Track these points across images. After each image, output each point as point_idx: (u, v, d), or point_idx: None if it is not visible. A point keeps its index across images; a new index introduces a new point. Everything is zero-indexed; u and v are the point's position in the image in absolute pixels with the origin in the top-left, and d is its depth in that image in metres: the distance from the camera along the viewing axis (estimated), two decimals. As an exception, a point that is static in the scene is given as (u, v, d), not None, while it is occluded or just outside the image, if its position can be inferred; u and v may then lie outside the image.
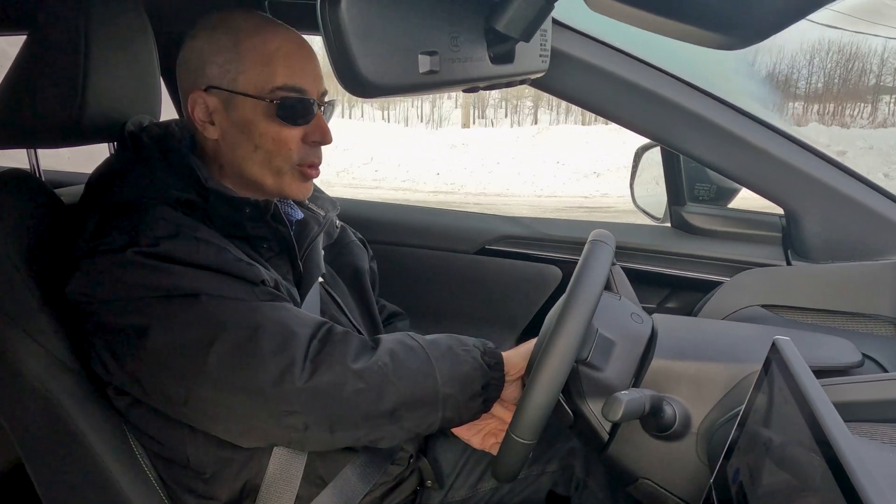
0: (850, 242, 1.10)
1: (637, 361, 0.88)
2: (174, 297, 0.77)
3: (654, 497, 0.89)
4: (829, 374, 0.79)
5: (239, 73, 0.86)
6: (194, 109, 0.88)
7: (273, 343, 0.78)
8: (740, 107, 1.12)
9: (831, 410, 0.50)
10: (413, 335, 0.90)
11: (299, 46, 0.89)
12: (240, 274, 0.81)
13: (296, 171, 0.91)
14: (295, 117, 0.87)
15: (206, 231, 0.83)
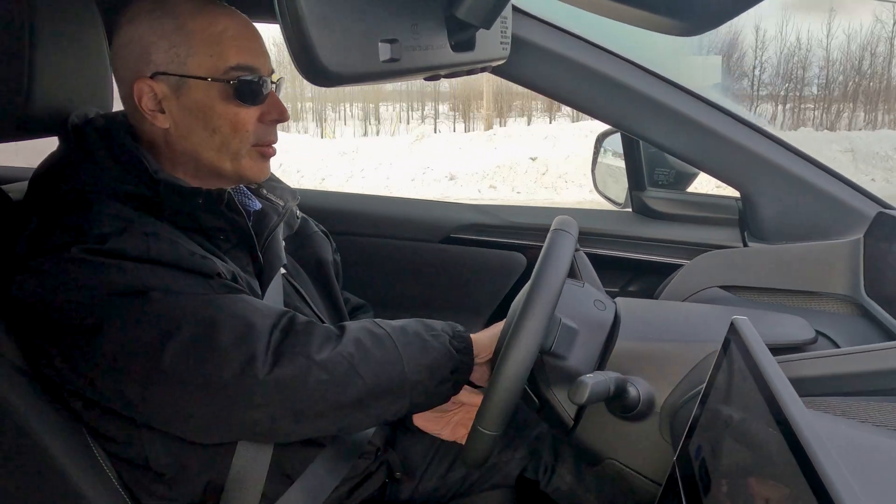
0: (804, 224, 1.13)
1: (601, 346, 0.90)
2: (124, 296, 0.75)
3: (620, 477, 0.91)
4: (784, 352, 0.81)
5: (188, 56, 0.83)
6: (141, 99, 0.84)
7: (231, 336, 0.76)
8: (698, 93, 1.14)
9: (787, 386, 0.51)
10: (380, 322, 0.89)
11: (245, 25, 0.87)
12: (193, 268, 0.79)
13: (253, 152, 0.89)
14: (252, 97, 0.85)
15: (157, 225, 0.80)
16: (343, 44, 0.64)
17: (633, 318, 0.93)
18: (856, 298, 1.02)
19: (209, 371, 0.75)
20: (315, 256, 1.13)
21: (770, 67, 16.18)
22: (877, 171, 9.88)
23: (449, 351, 0.89)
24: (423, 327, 0.90)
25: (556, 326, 0.87)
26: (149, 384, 0.75)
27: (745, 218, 1.24)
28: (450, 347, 0.89)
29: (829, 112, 15.58)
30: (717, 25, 0.67)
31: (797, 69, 15.72)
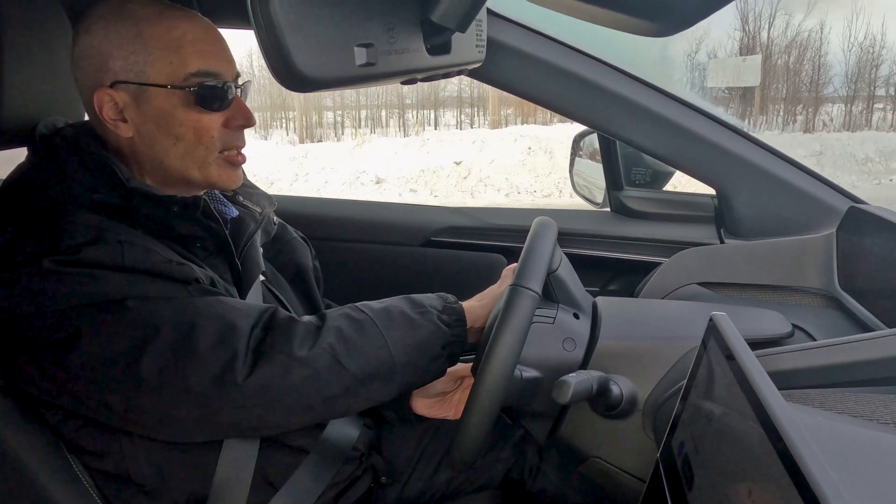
0: (778, 219, 1.15)
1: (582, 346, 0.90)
2: (99, 306, 0.73)
3: (605, 474, 0.91)
4: (762, 346, 0.82)
5: (147, 64, 0.81)
6: (102, 108, 0.83)
7: (211, 338, 0.75)
8: (672, 93, 1.16)
9: (766, 380, 0.52)
10: (362, 305, 0.88)
11: (206, 30, 0.85)
12: (170, 274, 0.78)
13: (221, 160, 0.87)
14: (214, 102, 0.84)
15: (131, 233, 0.79)
16: (318, 49, 0.64)
17: (614, 317, 0.94)
18: (830, 292, 1.03)
19: (189, 376, 0.74)
20: (294, 262, 1.11)
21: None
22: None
23: (438, 327, 0.87)
24: (409, 304, 0.89)
25: (517, 382, 0.85)
26: (131, 392, 0.74)
27: (720, 215, 1.25)
28: (438, 323, 0.88)
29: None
30: (689, 26, 0.68)
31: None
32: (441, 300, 0.92)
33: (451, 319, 0.89)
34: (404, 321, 0.86)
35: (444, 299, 0.92)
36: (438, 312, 0.89)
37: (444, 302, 0.91)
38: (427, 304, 0.89)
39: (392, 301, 0.90)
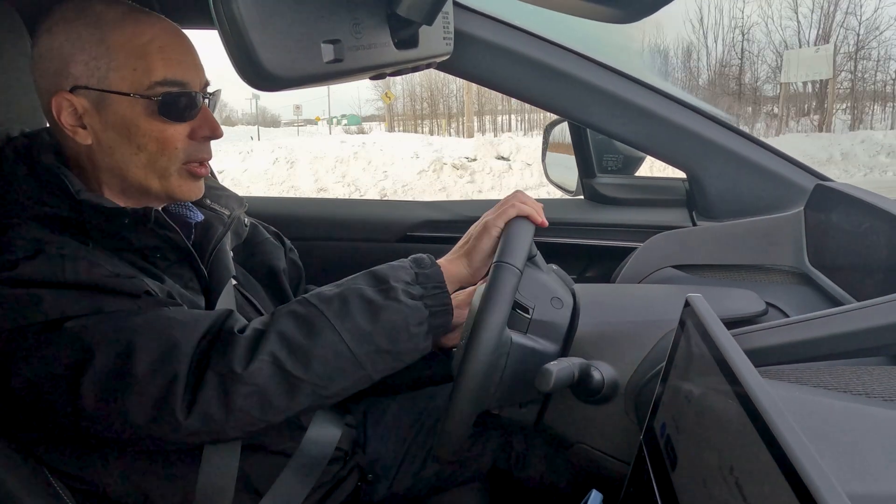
0: (748, 200, 1.17)
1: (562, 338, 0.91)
2: (35, 327, 0.70)
3: (590, 460, 0.92)
4: (738, 325, 0.83)
5: (109, 70, 0.78)
6: (60, 114, 0.79)
7: (150, 359, 0.71)
8: (640, 78, 1.17)
9: (743, 358, 0.53)
10: (312, 297, 0.80)
11: (175, 36, 0.81)
12: (115, 289, 0.74)
13: (183, 171, 0.84)
14: (180, 113, 0.80)
15: (75, 246, 0.75)
16: (285, 47, 0.63)
17: (592, 303, 0.94)
18: (801, 269, 1.05)
19: (128, 407, 0.70)
20: (266, 264, 1.09)
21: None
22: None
23: (406, 305, 0.80)
24: (371, 283, 0.81)
25: (507, 347, 0.84)
26: (76, 417, 0.71)
27: (692, 198, 1.27)
28: (406, 301, 0.80)
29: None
30: (652, 12, 0.69)
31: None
32: (413, 267, 0.84)
33: (426, 290, 0.82)
34: (362, 306, 0.79)
35: (418, 263, 0.84)
36: (406, 286, 0.81)
37: (415, 269, 0.84)
38: (392, 279, 0.81)
39: (350, 282, 0.82)
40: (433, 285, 0.83)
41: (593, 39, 1.19)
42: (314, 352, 0.76)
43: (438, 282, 0.84)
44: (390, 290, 0.80)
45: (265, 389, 0.74)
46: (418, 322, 0.81)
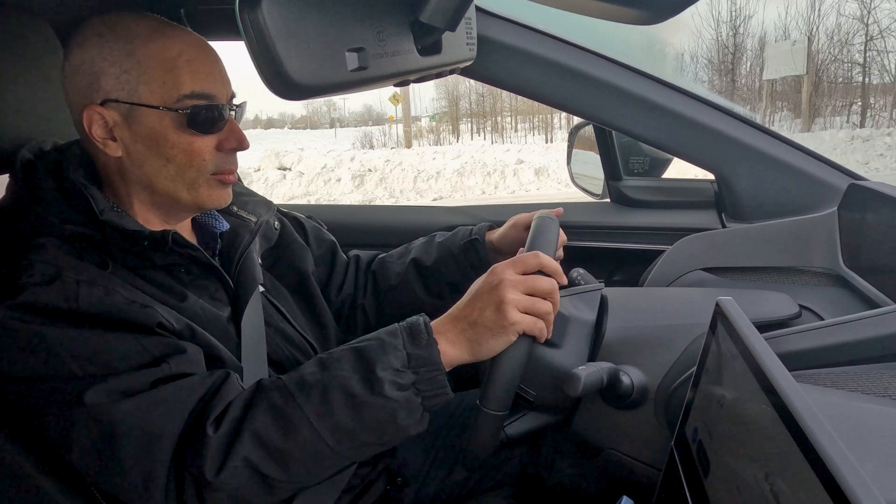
0: (779, 201, 1.15)
1: (590, 338, 0.90)
2: (34, 380, 0.71)
3: (620, 466, 0.91)
4: (770, 328, 0.82)
5: (139, 83, 0.79)
6: (91, 126, 0.81)
7: (133, 449, 0.70)
8: (666, 79, 1.15)
9: (776, 362, 0.52)
10: (291, 384, 0.75)
11: (202, 50, 0.83)
12: (128, 319, 0.74)
13: (212, 180, 0.85)
14: (208, 126, 0.82)
15: (94, 273, 0.76)
16: (310, 56, 0.64)
17: (620, 307, 0.94)
18: (835, 270, 1.03)
19: (116, 484, 0.72)
20: (294, 269, 1.09)
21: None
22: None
23: (394, 399, 0.73)
24: (356, 372, 0.74)
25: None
26: (71, 464, 0.73)
27: (721, 200, 1.25)
28: (393, 395, 0.73)
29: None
30: (677, 12, 0.68)
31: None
32: (406, 346, 0.76)
33: (419, 375, 0.75)
34: (345, 402, 0.73)
35: (413, 336, 0.77)
36: (395, 374, 0.74)
37: (409, 347, 0.76)
38: (379, 367, 0.73)
39: (334, 366, 0.76)
40: (427, 369, 0.75)
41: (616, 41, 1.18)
42: (292, 453, 0.72)
43: (433, 363, 0.75)
44: (376, 383, 0.73)
45: (241, 491, 0.72)
46: (408, 413, 0.74)
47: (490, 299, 0.78)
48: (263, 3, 0.59)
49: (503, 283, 0.78)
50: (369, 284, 1.21)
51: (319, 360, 0.78)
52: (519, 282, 0.79)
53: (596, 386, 0.79)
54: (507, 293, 0.77)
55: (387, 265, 1.20)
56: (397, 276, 1.17)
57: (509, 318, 0.76)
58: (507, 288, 0.78)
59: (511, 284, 0.78)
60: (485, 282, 0.80)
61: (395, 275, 1.18)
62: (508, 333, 0.77)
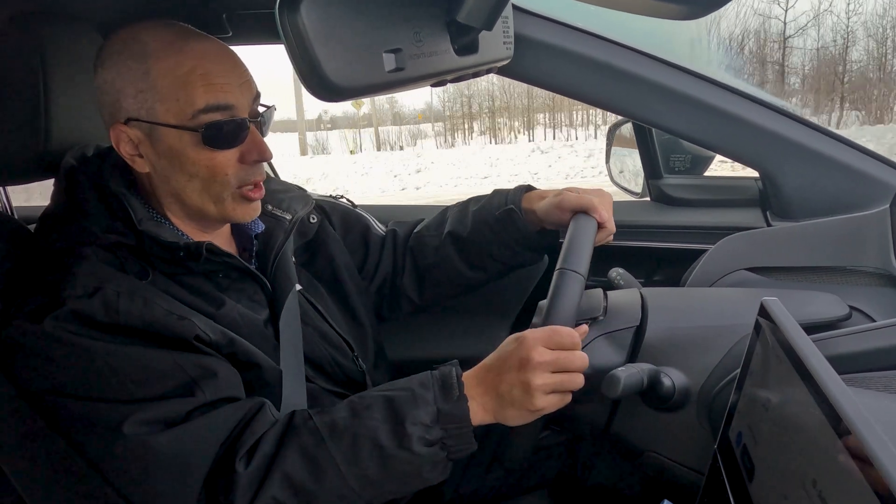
0: (827, 199, 1.11)
1: (631, 337, 0.89)
2: (69, 396, 0.73)
3: (661, 469, 0.90)
4: (818, 330, 0.80)
5: (155, 102, 0.79)
6: (119, 144, 0.82)
7: (167, 478, 0.73)
8: (707, 74, 1.13)
9: (825, 365, 0.50)
10: (324, 428, 0.76)
11: (217, 58, 0.81)
12: (166, 331, 0.76)
13: (237, 195, 0.85)
14: (227, 140, 0.81)
15: (133, 285, 0.78)
16: (348, 58, 0.65)
17: (661, 308, 0.92)
18: (888, 270, 1.00)
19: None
20: (329, 265, 1.08)
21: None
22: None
23: (420, 455, 0.74)
24: (385, 419, 0.75)
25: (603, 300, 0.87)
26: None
27: (766, 197, 1.22)
28: (420, 451, 0.74)
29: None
30: (720, 6, 0.67)
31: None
32: (436, 399, 0.76)
33: (447, 432, 0.75)
34: (373, 452, 0.74)
35: (444, 388, 0.77)
36: (424, 430, 0.75)
37: (439, 401, 0.76)
38: (409, 421, 0.74)
39: (365, 418, 0.76)
40: (455, 426, 0.76)
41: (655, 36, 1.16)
42: (319, 496, 0.74)
43: (462, 421, 0.76)
44: (405, 437, 0.74)
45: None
46: (432, 467, 0.76)
47: (518, 378, 0.76)
48: (302, 7, 0.60)
49: (532, 364, 0.75)
50: (407, 263, 1.15)
51: (351, 404, 0.79)
52: (549, 363, 0.75)
53: (636, 387, 0.78)
54: (535, 378, 0.74)
55: (423, 240, 1.14)
56: (435, 252, 1.12)
57: (536, 404, 0.75)
58: (536, 372, 0.75)
59: (540, 367, 0.75)
60: (513, 353, 0.77)
61: (433, 249, 1.12)
62: (534, 415, 0.77)
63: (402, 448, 0.74)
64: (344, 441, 0.75)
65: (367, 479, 0.75)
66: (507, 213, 1.04)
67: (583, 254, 0.86)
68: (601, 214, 0.93)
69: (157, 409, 0.74)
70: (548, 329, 0.78)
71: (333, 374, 0.99)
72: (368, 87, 0.69)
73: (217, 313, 0.84)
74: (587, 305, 0.94)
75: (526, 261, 1.08)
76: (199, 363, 0.77)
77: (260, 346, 0.86)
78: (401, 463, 0.74)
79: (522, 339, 0.77)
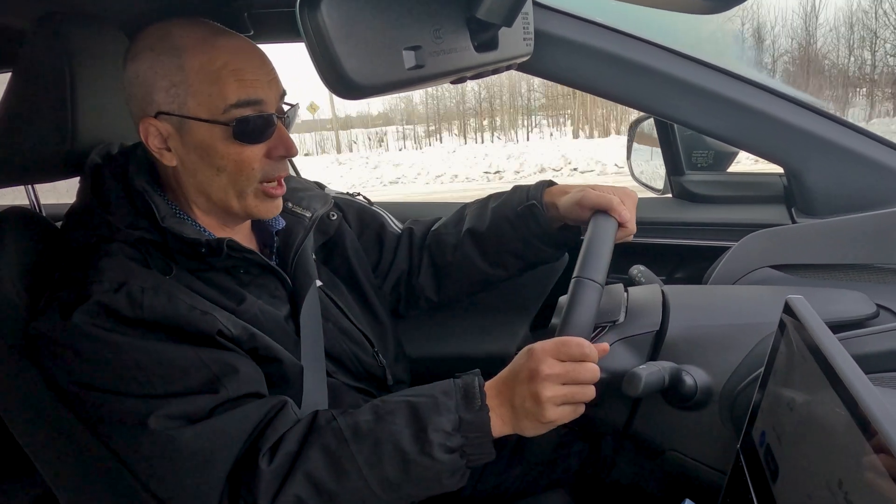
0: (853, 195, 1.09)
1: (651, 341, 0.88)
2: (99, 388, 0.75)
3: (683, 468, 0.89)
4: (845, 328, 0.78)
5: (188, 96, 0.81)
6: (148, 137, 0.83)
7: (189, 466, 0.75)
8: (730, 69, 1.11)
9: (851, 364, 0.50)
10: (347, 428, 0.77)
11: (248, 56, 0.83)
12: (190, 326, 0.77)
13: (259, 191, 0.86)
14: (256, 135, 0.82)
15: (157, 278, 0.80)
16: (368, 56, 0.65)
17: (683, 305, 0.91)
18: None
19: (173, 497, 0.77)
20: (346, 263, 1.09)
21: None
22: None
23: (441, 461, 0.76)
24: (408, 424, 0.77)
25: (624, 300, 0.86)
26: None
27: (791, 194, 1.20)
28: (441, 457, 0.75)
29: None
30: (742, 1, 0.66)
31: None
32: (458, 408, 0.77)
33: (467, 440, 0.76)
34: (395, 456, 0.75)
35: (467, 397, 0.78)
36: (445, 437, 0.76)
37: (461, 410, 0.77)
38: (431, 428, 0.75)
39: (388, 423, 0.77)
40: (477, 435, 0.77)
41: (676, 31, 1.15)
42: (340, 496, 0.76)
43: (483, 430, 0.77)
44: (426, 444, 0.75)
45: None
46: (451, 474, 0.77)
47: (528, 390, 0.76)
48: (323, 5, 0.60)
49: (540, 376, 0.75)
50: (424, 262, 1.15)
51: (374, 407, 0.80)
52: (559, 375, 0.75)
53: (657, 386, 0.78)
54: (544, 390, 0.75)
55: (441, 238, 1.13)
56: (454, 250, 1.11)
57: (547, 416, 0.75)
58: (546, 384, 0.75)
59: (550, 379, 0.75)
60: (523, 366, 0.78)
61: (451, 248, 1.11)
62: (547, 427, 0.77)
63: (423, 454, 0.75)
64: (367, 444, 0.76)
65: (388, 481, 0.76)
66: (528, 209, 1.02)
67: (600, 260, 0.85)
68: (622, 214, 0.91)
69: (182, 404, 0.75)
70: (557, 341, 0.77)
71: (354, 370, 0.99)
72: (388, 85, 0.69)
73: (238, 308, 0.85)
74: (606, 307, 0.93)
75: (547, 257, 1.07)
76: (221, 359, 0.78)
77: (281, 341, 0.87)
78: (422, 468, 0.76)
79: (532, 351, 0.78)
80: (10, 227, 0.89)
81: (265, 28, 1.27)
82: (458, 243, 1.10)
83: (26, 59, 0.89)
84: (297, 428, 0.79)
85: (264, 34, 1.29)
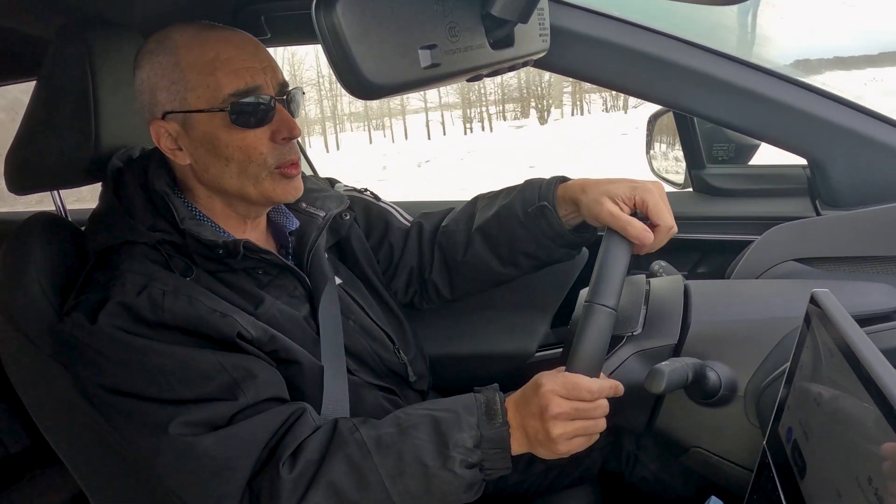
0: (880, 185, 1.07)
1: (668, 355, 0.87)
2: (121, 393, 0.77)
3: (707, 465, 0.88)
4: (872, 322, 0.77)
5: (187, 91, 0.82)
6: (160, 139, 0.85)
7: (207, 472, 0.76)
8: (750, 60, 1.10)
9: (880, 358, 0.49)
10: (370, 440, 0.78)
11: (239, 44, 0.84)
12: (210, 330, 0.79)
13: (275, 174, 0.86)
14: (254, 119, 0.83)
15: (178, 281, 0.81)
16: (384, 55, 0.65)
17: (706, 300, 0.90)
18: None
19: (194, 499, 0.78)
20: (356, 261, 1.10)
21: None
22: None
23: (461, 477, 0.77)
24: (430, 438, 0.78)
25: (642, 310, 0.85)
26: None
27: (815, 186, 1.18)
28: (462, 472, 0.77)
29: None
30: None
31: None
32: (480, 425, 0.78)
33: (486, 454, 0.78)
34: (417, 470, 0.77)
35: (489, 413, 0.79)
36: (466, 453, 0.77)
37: (482, 427, 0.78)
38: (452, 444, 0.77)
39: (411, 437, 0.78)
40: (496, 451, 0.78)
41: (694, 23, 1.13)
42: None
43: (503, 446, 0.78)
44: (448, 459, 0.77)
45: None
46: (469, 487, 0.79)
47: (539, 426, 0.77)
48: (338, 6, 0.60)
49: (548, 415, 0.76)
50: (436, 257, 1.13)
51: (397, 419, 0.81)
52: (567, 413, 0.76)
53: (680, 382, 0.77)
54: (553, 428, 0.76)
55: (452, 237, 1.11)
56: (465, 249, 1.09)
57: (559, 450, 0.77)
58: (556, 423, 0.76)
59: (558, 418, 0.76)
60: (533, 401, 0.78)
61: (463, 247, 1.09)
62: (562, 455, 0.78)
63: (445, 468, 0.77)
64: (390, 456, 0.77)
65: (409, 494, 0.77)
66: (539, 210, 0.99)
67: (613, 283, 0.81)
68: (640, 238, 0.85)
69: (202, 411, 0.77)
70: (566, 381, 0.77)
71: (376, 367, 1.00)
72: (404, 84, 0.69)
73: (256, 311, 0.86)
74: (624, 312, 0.90)
75: (561, 257, 1.05)
76: (240, 364, 0.79)
77: (300, 340, 0.88)
78: (442, 482, 0.77)
79: (540, 387, 0.78)
80: (37, 231, 0.91)
81: (282, 31, 1.28)
82: (468, 242, 1.08)
83: (49, 67, 0.91)
84: (318, 436, 0.79)
85: (281, 37, 1.30)
